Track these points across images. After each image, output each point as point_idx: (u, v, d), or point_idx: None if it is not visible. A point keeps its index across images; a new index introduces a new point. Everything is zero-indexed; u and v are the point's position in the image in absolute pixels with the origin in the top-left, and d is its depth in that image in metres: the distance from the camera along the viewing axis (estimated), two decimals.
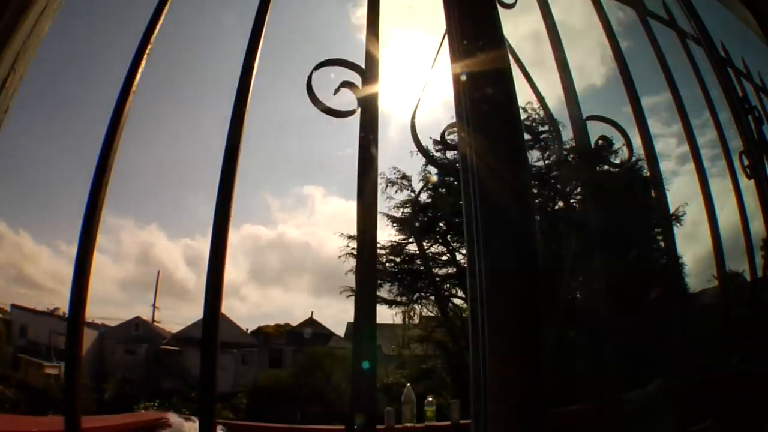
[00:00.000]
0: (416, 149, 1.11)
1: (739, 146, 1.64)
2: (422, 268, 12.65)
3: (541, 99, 1.29)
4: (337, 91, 0.95)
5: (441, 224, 12.50)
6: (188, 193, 30.71)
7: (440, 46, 1.11)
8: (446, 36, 0.98)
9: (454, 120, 0.92)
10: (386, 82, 0.97)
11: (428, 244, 12.74)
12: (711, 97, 1.69)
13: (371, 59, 0.97)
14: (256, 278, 30.63)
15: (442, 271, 12.87)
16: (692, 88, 1.67)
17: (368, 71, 0.96)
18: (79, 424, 0.88)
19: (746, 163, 1.61)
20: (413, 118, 1.10)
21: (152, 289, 24.09)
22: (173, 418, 2.29)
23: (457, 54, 0.91)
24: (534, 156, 10.47)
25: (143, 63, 1.05)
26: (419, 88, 1.16)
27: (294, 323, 23.87)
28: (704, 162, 1.54)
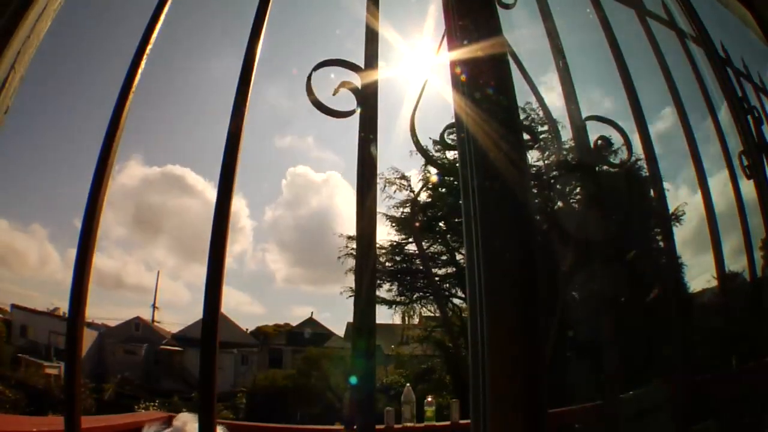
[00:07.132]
0: (416, 149, 1.11)
1: (738, 146, 1.64)
2: (422, 267, 12.64)
3: (540, 99, 1.28)
4: (336, 91, 0.95)
5: (440, 224, 12.49)
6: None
7: (440, 46, 1.11)
8: (445, 36, 0.98)
9: (453, 120, 0.92)
10: (385, 82, 0.97)
11: (428, 244, 12.73)
12: (711, 97, 1.69)
13: (370, 59, 0.97)
14: None
15: (442, 271, 12.87)
16: (692, 88, 1.67)
17: (367, 71, 0.96)
18: (79, 424, 0.88)
19: (746, 162, 1.61)
20: (413, 118, 1.10)
21: None
22: (183, 416, 2.23)
23: (456, 54, 0.91)
24: (533, 156, 10.46)
25: (143, 63, 1.05)
26: (418, 88, 1.16)
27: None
28: (704, 162, 1.54)
